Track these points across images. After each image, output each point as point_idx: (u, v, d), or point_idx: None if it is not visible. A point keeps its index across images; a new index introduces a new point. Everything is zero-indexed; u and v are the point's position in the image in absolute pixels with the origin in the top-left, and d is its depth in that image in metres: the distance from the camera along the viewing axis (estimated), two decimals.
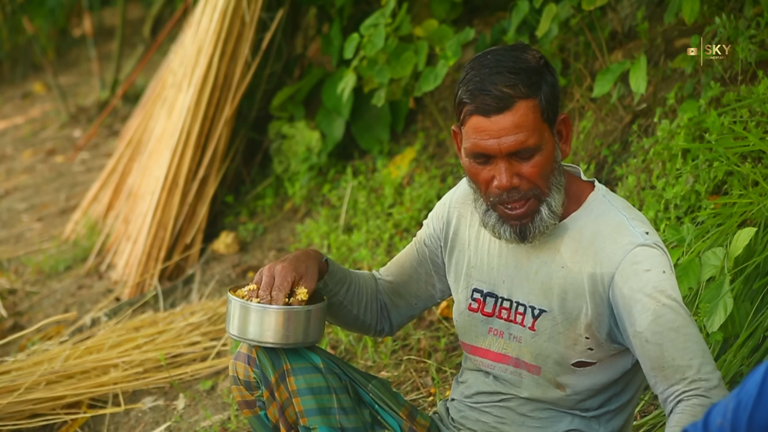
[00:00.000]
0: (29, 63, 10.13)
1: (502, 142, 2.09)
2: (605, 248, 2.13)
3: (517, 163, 2.11)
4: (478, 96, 2.09)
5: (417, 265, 2.43)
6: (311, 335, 2.24)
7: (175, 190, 4.79)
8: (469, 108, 2.11)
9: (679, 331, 2.04)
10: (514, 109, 2.08)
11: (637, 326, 2.06)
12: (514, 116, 2.09)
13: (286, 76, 5.04)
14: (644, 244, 2.11)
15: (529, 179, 2.12)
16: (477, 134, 2.11)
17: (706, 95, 3.25)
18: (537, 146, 2.11)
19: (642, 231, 2.13)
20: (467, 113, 2.12)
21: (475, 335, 2.29)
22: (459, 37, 3.90)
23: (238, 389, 2.33)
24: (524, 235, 2.15)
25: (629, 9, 3.96)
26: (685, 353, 2.03)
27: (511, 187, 2.11)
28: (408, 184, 4.36)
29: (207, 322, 4.02)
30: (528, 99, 2.09)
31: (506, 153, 2.10)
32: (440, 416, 2.42)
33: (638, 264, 2.09)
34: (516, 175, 2.11)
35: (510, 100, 2.08)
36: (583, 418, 2.23)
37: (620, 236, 2.13)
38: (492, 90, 2.08)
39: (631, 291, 2.08)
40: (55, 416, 3.64)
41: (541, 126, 2.11)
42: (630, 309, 2.08)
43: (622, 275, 2.10)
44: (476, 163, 2.14)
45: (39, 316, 4.67)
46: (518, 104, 2.09)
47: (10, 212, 6.42)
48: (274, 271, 2.23)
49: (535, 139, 2.10)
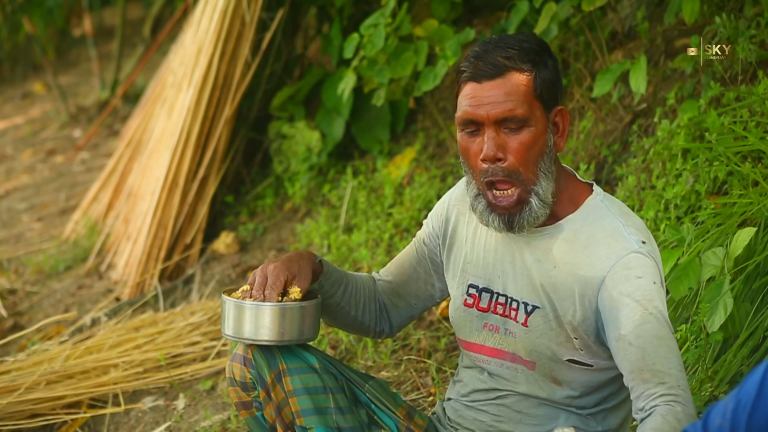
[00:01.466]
0: (29, 63, 10.13)
1: (491, 108, 2.10)
2: (598, 253, 2.13)
3: (505, 136, 2.11)
4: (474, 63, 2.13)
5: (416, 264, 2.44)
6: (306, 333, 2.24)
7: (175, 190, 4.79)
8: (465, 75, 2.14)
9: (663, 340, 2.04)
10: (506, 77, 2.11)
11: (622, 329, 2.05)
12: (506, 84, 2.10)
13: (286, 76, 5.04)
14: (638, 251, 2.11)
15: (514, 156, 2.11)
16: (467, 100, 2.13)
17: (706, 95, 3.25)
18: (525, 119, 2.11)
19: (637, 239, 2.13)
20: (462, 81, 2.15)
21: (470, 330, 2.30)
22: (459, 37, 3.90)
23: (235, 390, 2.33)
24: (511, 224, 2.15)
25: (629, 9, 3.96)
26: (666, 361, 2.02)
27: (495, 159, 2.11)
28: (408, 184, 4.36)
29: (207, 322, 4.02)
30: (522, 71, 2.11)
31: (494, 120, 2.10)
32: (438, 417, 2.42)
33: (630, 270, 2.09)
34: (501, 149, 2.11)
35: (503, 68, 2.11)
36: (579, 415, 2.23)
37: (615, 242, 2.13)
38: (488, 58, 2.12)
39: (620, 295, 2.08)
40: (55, 416, 3.64)
41: (533, 102, 2.12)
42: (617, 312, 2.07)
43: (613, 279, 2.09)
44: (466, 134, 2.15)
45: (39, 316, 4.67)
46: (511, 73, 2.11)
47: (10, 212, 6.42)
48: (267, 271, 2.24)
49: (523, 111, 2.10)
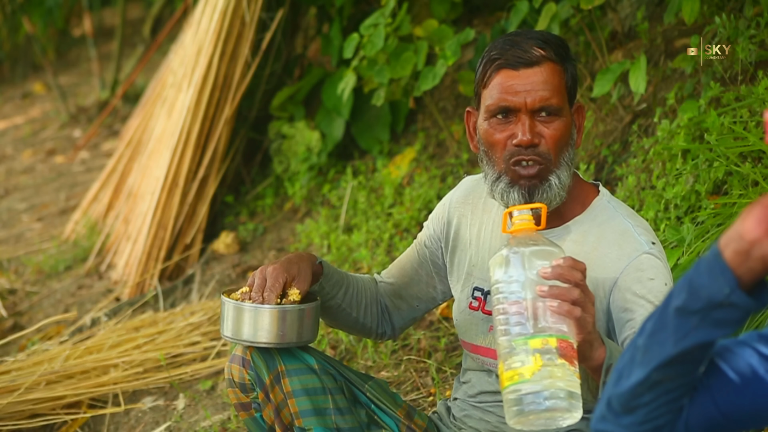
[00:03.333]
0: (29, 63, 10.13)
1: (529, 96, 2.11)
2: (609, 254, 2.12)
3: (539, 124, 2.12)
4: (509, 50, 2.13)
5: (418, 266, 2.43)
6: (305, 335, 2.24)
7: (175, 190, 4.79)
8: (498, 63, 2.13)
9: None
10: (543, 66, 2.12)
11: (636, 329, 2.05)
12: (543, 73, 2.12)
13: (286, 76, 5.04)
14: (650, 252, 2.11)
15: (548, 142, 2.11)
16: (503, 88, 2.13)
17: (706, 95, 3.25)
18: (560, 108, 2.13)
19: (647, 240, 2.13)
20: (495, 68, 2.14)
21: (476, 334, 2.29)
22: (459, 37, 3.90)
23: (234, 392, 2.33)
24: (532, 194, 2.12)
25: (629, 9, 3.96)
26: None
27: (530, 144, 2.11)
28: (408, 184, 4.36)
29: (207, 322, 4.02)
30: (556, 63, 2.14)
31: (531, 108, 2.11)
32: (440, 416, 2.42)
33: (643, 272, 2.09)
34: (536, 135, 2.12)
35: (540, 58, 2.12)
36: (583, 418, 2.22)
37: (625, 243, 2.12)
38: (524, 46, 2.13)
39: (634, 296, 2.07)
40: (55, 416, 3.64)
41: (564, 94, 2.14)
42: (631, 314, 2.07)
43: (626, 281, 2.09)
44: (496, 122, 2.14)
45: (39, 316, 4.66)
46: (548, 63, 2.13)
47: (10, 212, 6.42)
48: (266, 273, 2.24)
49: (558, 101, 2.12)
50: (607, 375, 1.88)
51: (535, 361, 1.81)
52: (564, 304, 1.83)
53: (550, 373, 1.81)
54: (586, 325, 1.85)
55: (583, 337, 1.86)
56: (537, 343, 1.82)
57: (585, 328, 1.85)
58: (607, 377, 1.87)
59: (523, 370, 1.81)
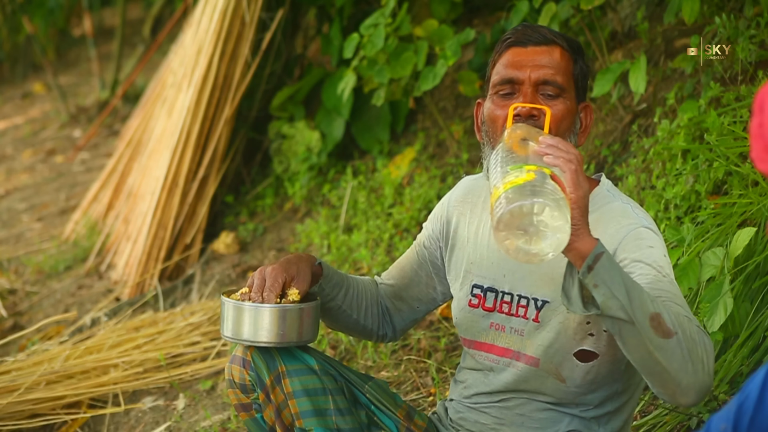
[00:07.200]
0: (29, 63, 10.14)
1: (534, 71, 2.14)
2: (608, 229, 2.13)
3: (542, 99, 2.15)
4: (521, 30, 2.18)
5: (417, 267, 2.43)
6: (305, 334, 2.24)
7: (175, 190, 4.79)
8: (509, 41, 2.18)
9: (676, 297, 2.02)
10: (551, 47, 2.17)
11: None
12: (551, 53, 2.17)
13: (286, 76, 5.04)
14: (648, 227, 2.12)
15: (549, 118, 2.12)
16: (510, 62, 2.17)
17: (706, 95, 3.25)
18: (563, 88, 2.15)
19: (645, 217, 2.15)
20: (505, 46, 2.18)
21: (477, 331, 2.29)
22: (459, 37, 3.90)
23: (234, 392, 2.32)
24: None
25: (629, 9, 3.96)
26: (682, 309, 2.00)
27: (530, 115, 2.12)
28: (408, 184, 4.36)
29: (207, 322, 4.02)
30: (566, 51, 2.18)
31: (534, 81, 2.14)
32: (439, 416, 2.42)
33: (642, 240, 2.10)
34: (537, 109, 2.13)
35: (551, 41, 2.17)
36: (582, 419, 2.22)
37: (624, 218, 2.14)
38: (536, 29, 2.18)
39: (633, 261, 2.07)
40: (55, 416, 3.64)
41: (570, 79, 2.17)
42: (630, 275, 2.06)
43: (625, 249, 2.09)
44: (499, 97, 2.17)
45: (39, 316, 4.67)
46: (557, 47, 2.17)
47: (10, 212, 6.43)
48: (265, 273, 2.24)
49: (563, 80, 2.15)
50: (596, 261, 1.87)
51: (528, 174, 1.87)
52: (561, 154, 1.89)
53: (542, 183, 1.86)
54: (581, 186, 1.89)
55: (576, 196, 1.88)
56: (532, 167, 1.89)
57: (579, 188, 1.88)
58: (595, 263, 1.87)
59: (516, 180, 1.87)
